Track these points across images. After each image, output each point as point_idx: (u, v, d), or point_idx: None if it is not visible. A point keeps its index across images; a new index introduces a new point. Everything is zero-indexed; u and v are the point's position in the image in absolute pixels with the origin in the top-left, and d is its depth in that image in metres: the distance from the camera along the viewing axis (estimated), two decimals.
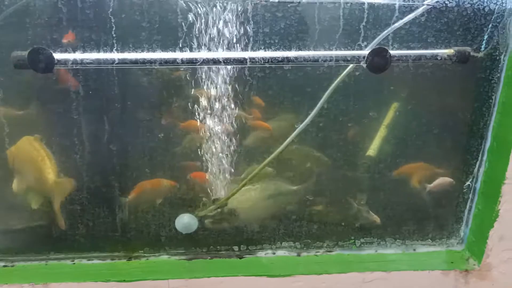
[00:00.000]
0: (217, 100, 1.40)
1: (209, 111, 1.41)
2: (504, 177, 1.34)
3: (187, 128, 1.43)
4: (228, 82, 1.38)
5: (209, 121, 1.42)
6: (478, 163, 1.45)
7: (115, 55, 1.27)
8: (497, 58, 1.33)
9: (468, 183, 1.48)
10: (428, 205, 1.56)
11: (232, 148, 1.46)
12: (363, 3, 1.28)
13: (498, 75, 1.35)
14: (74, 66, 1.24)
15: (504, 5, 1.29)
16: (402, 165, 1.53)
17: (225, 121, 1.43)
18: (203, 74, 1.36)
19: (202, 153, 1.46)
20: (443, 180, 1.56)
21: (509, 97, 1.33)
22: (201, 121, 1.42)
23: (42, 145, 1.42)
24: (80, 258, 1.48)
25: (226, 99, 1.40)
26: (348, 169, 1.55)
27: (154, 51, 1.29)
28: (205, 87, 1.37)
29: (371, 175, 1.55)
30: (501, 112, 1.36)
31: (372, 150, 1.58)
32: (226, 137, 1.45)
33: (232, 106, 1.40)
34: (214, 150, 1.47)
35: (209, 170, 1.49)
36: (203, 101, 1.40)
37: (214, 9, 1.24)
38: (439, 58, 1.34)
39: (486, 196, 1.43)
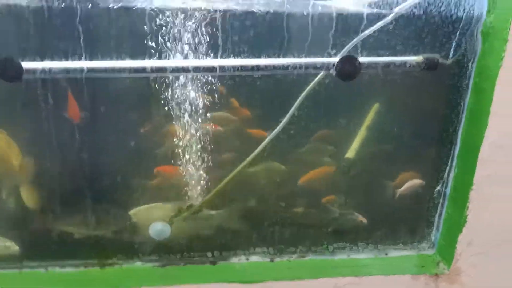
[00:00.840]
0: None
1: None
2: (472, 183, 1.36)
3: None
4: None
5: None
6: (448, 168, 1.46)
7: (84, 64, 1.27)
8: (465, 65, 1.35)
9: (438, 188, 1.50)
10: (400, 209, 1.58)
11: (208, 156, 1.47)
12: (332, 13, 1.29)
13: (467, 82, 1.36)
14: (42, 75, 1.25)
15: (471, 13, 1.30)
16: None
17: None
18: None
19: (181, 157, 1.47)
20: (412, 183, 1.58)
21: (477, 104, 1.34)
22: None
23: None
24: (54, 266, 1.48)
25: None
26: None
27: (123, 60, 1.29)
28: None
29: (347, 178, 1.57)
30: (469, 119, 1.37)
31: (351, 152, 1.60)
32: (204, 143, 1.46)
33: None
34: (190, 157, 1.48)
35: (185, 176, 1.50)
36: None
37: (180, 18, 1.25)
38: (408, 65, 1.35)
39: (455, 201, 1.45)
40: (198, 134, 1.45)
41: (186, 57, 1.32)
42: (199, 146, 1.47)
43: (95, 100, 1.38)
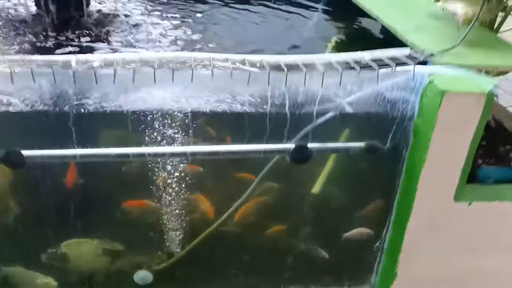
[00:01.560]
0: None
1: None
2: (400, 249, 1.65)
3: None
4: None
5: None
6: (385, 229, 1.74)
7: (77, 151, 1.50)
8: (400, 152, 1.59)
9: (377, 244, 1.78)
10: (344, 252, 1.86)
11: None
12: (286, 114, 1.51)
13: (401, 164, 1.61)
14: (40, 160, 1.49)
15: (405, 113, 1.53)
16: None
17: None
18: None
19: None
20: (359, 231, 1.85)
21: (407, 185, 1.60)
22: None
23: None
24: None
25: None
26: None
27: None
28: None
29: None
30: (401, 195, 1.63)
31: (317, 187, 1.85)
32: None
33: None
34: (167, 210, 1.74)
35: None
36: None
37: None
38: (352, 150, 1.60)
39: (389, 257, 1.74)
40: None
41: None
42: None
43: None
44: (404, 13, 2.11)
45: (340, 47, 2.23)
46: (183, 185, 1.67)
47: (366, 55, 1.56)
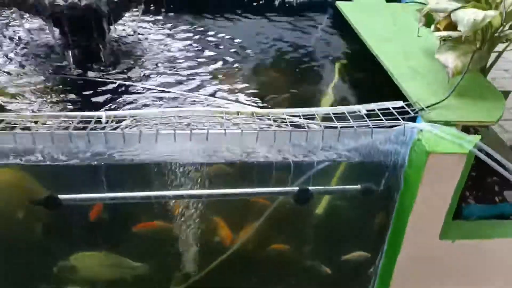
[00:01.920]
0: None
1: None
2: (391, 276, 1.86)
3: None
4: None
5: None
6: (378, 258, 1.95)
7: (107, 195, 1.71)
8: (392, 194, 1.78)
9: (370, 270, 1.99)
10: (342, 272, 2.07)
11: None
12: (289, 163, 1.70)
13: (393, 204, 1.80)
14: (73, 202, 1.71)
15: (396, 161, 1.71)
16: None
17: None
18: None
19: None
20: (358, 253, 2.06)
21: (397, 224, 1.80)
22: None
23: None
24: None
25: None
26: None
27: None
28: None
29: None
30: (393, 232, 1.83)
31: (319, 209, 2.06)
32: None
33: None
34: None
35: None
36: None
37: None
38: (349, 192, 1.79)
39: (381, 281, 1.95)
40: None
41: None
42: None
43: None
44: (402, 49, 2.27)
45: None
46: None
47: (362, 109, 1.75)
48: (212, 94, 2.25)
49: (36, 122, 1.66)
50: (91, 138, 1.55)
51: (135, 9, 2.85)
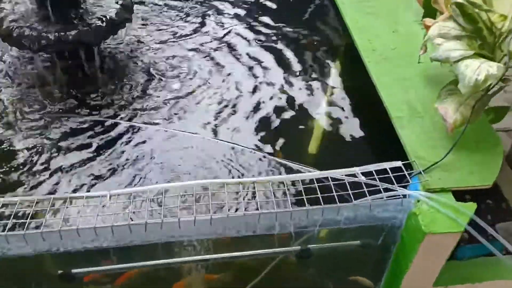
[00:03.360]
0: None
1: None
2: None
3: None
4: None
5: None
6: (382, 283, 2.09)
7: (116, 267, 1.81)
8: (390, 247, 1.87)
9: None
10: None
11: None
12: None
13: (390, 254, 1.90)
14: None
15: (394, 224, 1.78)
16: None
17: None
18: None
19: None
20: (362, 279, 2.20)
21: (394, 271, 1.91)
22: None
23: None
24: None
25: None
26: None
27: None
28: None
29: None
30: (391, 274, 1.95)
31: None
32: None
33: None
34: None
35: None
36: None
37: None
38: (349, 247, 1.89)
39: None
40: None
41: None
42: None
43: None
44: (400, 81, 2.23)
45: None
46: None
47: (359, 172, 1.77)
48: None
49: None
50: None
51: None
